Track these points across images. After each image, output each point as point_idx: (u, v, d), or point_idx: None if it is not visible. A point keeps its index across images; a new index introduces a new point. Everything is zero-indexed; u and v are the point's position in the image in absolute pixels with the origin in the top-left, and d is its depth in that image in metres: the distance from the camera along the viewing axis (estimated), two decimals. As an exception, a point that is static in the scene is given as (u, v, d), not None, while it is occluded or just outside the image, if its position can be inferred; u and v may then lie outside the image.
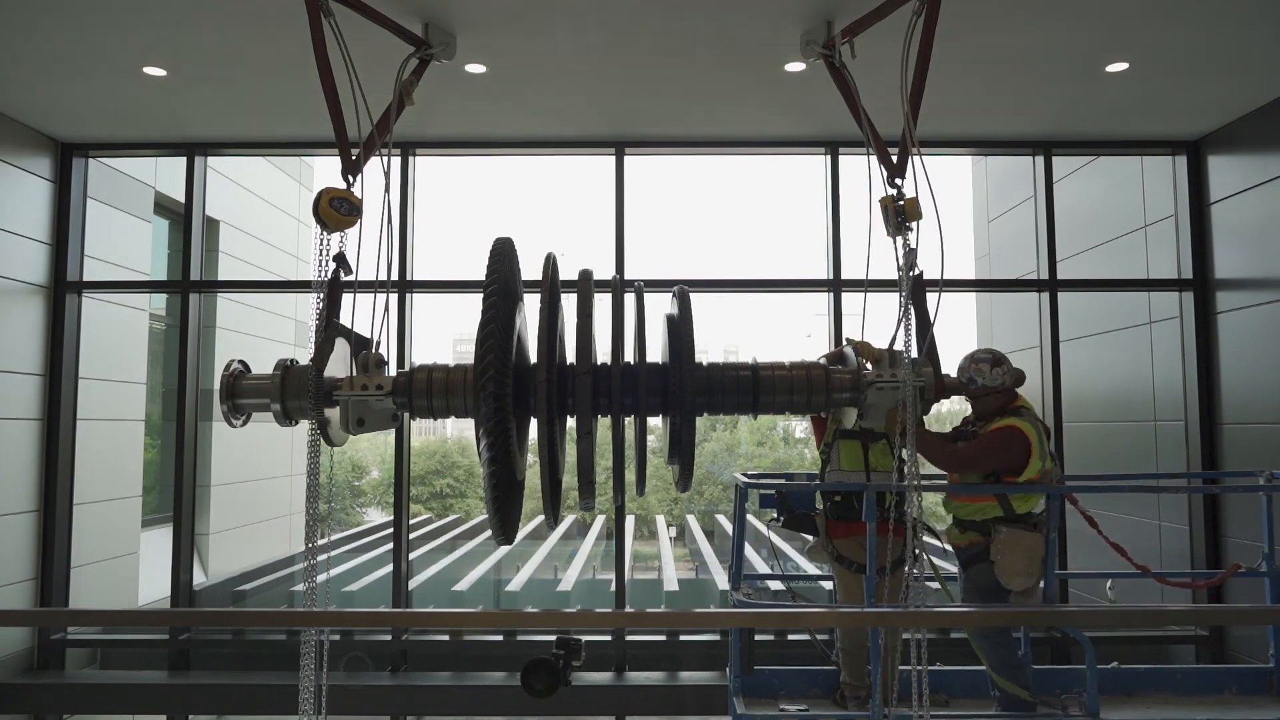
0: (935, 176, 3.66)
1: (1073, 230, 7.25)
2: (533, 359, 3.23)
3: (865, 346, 3.61)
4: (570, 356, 3.27)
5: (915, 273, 3.64)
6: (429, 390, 3.28)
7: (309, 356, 3.38)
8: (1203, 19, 4.71)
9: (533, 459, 3.45)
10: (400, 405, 3.33)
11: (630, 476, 3.41)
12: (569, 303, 3.26)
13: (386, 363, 3.46)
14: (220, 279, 9.07)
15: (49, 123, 6.33)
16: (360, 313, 3.58)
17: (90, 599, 6.79)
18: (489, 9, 4.56)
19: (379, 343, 3.60)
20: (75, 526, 6.64)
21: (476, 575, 11.91)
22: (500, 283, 3.09)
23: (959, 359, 4.13)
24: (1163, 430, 6.84)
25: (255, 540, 10.29)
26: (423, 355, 9.03)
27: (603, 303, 3.27)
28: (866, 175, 3.94)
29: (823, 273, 6.77)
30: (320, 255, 3.55)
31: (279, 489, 10.95)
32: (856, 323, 4.44)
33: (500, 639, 6.65)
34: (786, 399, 3.44)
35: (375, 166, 3.88)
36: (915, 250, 3.65)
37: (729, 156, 7.16)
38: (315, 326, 3.48)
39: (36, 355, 6.46)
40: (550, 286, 3.16)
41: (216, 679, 6.53)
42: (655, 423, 3.55)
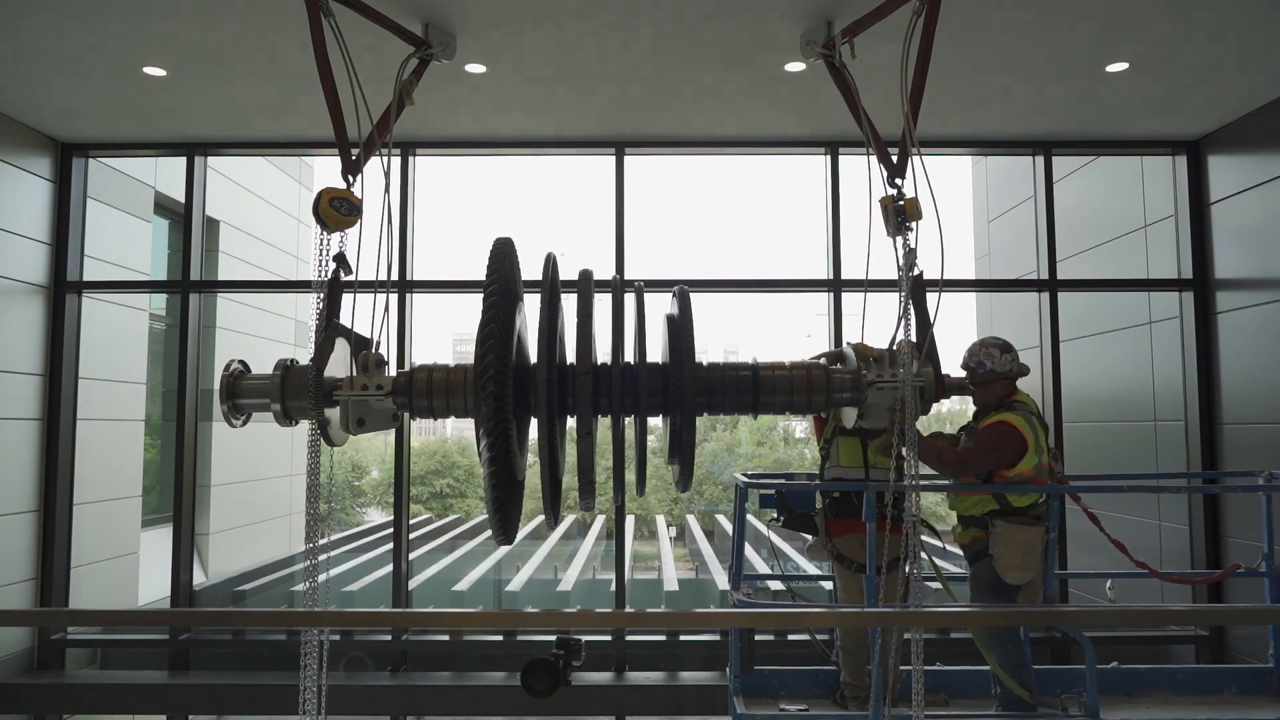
0: (935, 176, 3.66)
1: (1073, 230, 7.25)
2: (533, 359, 3.23)
3: (864, 348, 3.61)
4: (570, 356, 3.27)
5: (915, 273, 3.64)
6: (429, 390, 3.28)
7: (309, 356, 3.38)
8: (1203, 19, 4.71)
9: (533, 459, 3.45)
10: (400, 405, 3.32)
11: (630, 476, 3.41)
12: (569, 303, 3.26)
13: (386, 363, 3.46)
14: (220, 279, 9.07)
15: (49, 123, 6.33)
16: (360, 313, 3.58)
17: (90, 599, 6.79)
18: (489, 9, 4.57)
19: (379, 343, 3.60)
20: (75, 526, 6.64)
21: (476, 575, 11.93)
22: (500, 283, 3.08)
23: (963, 354, 4.13)
24: (1163, 430, 6.84)
25: (255, 540, 10.30)
26: (423, 355, 9.04)
27: (603, 303, 3.26)
28: (867, 175, 3.94)
29: (823, 273, 6.77)
30: (320, 255, 3.54)
31: (279, 489, 10.95)
32: (856, 323, 4.43)
33: (500, 639, 6.65)
34: (786, 399, 3.44)
35: (375, 166, 3.88)
36: (915, 250, 3.65)
37: (729, 156, 7.16)
38: (315, 326, 3.48)
39: (36, 355, 6.47)
40: (550, 286, 3.16)
41: (216, 679, 6.53)
42: (655, 423, 3.54)
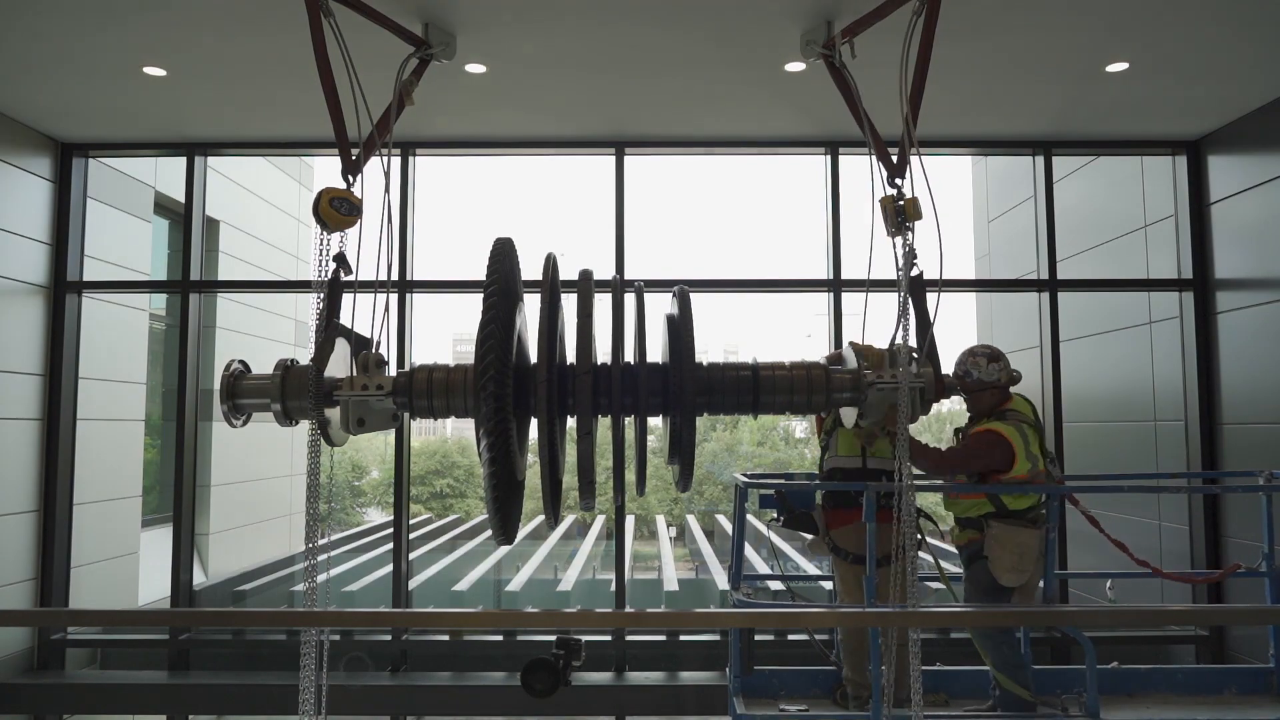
0: (935, 176, 3.67)
1: (1073, 230, 7.24)
2: (533, 359, 3.23)
3: (868, 349, 3.61)
4: (570, 356, 3.27)
5: (915, 273, 3.65)
6: (429, 390, 3.28)
7: (309, 356, 3.38)
8: (1203, 19, 4.71)
9: (533, 459, 3.45)
10: (400, 405, 3.32)
11: (630, 476, 3.41)
12: (569, 303, 3.26)
13: (386, 363, 3.46)
14: (220, 279, 9.07)
15: (49, 123, 6.33)
16: (360, 313, 3.58)
17: (90, 599, 6.79)
18: (489, 9, 4.57)
19: (379, 343, 3.60)
20: (75, 526, 6.64)
21: (476, 575, 11.94)
22: (500, 283, 3.09)
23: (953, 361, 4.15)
24: (1163, 430, 6.84)
25: (255, 540, 10.30)
26: (423, 355, 9.04)
27: (603, 303, 3.27)
28: (870, 176, 3.93)
29: (823, 273, 6.77)
30: (320, 255, 3.55)
31: (279, 489, 10.95)
32: (856, 323, 4.44)
33: (500, 639, 6.65)
34: (787, 399, 3.44)
35: (375, 166, 3.89)
36: (915, 250, 3.65)
37: (729, 156, 7.16)
38: (315, 326, 3.49)
39: (36, 355, 6.46)
40: (550, 286, 3.16)
41: (216, 679, 6.53)
42: (655, 423, 3.55)
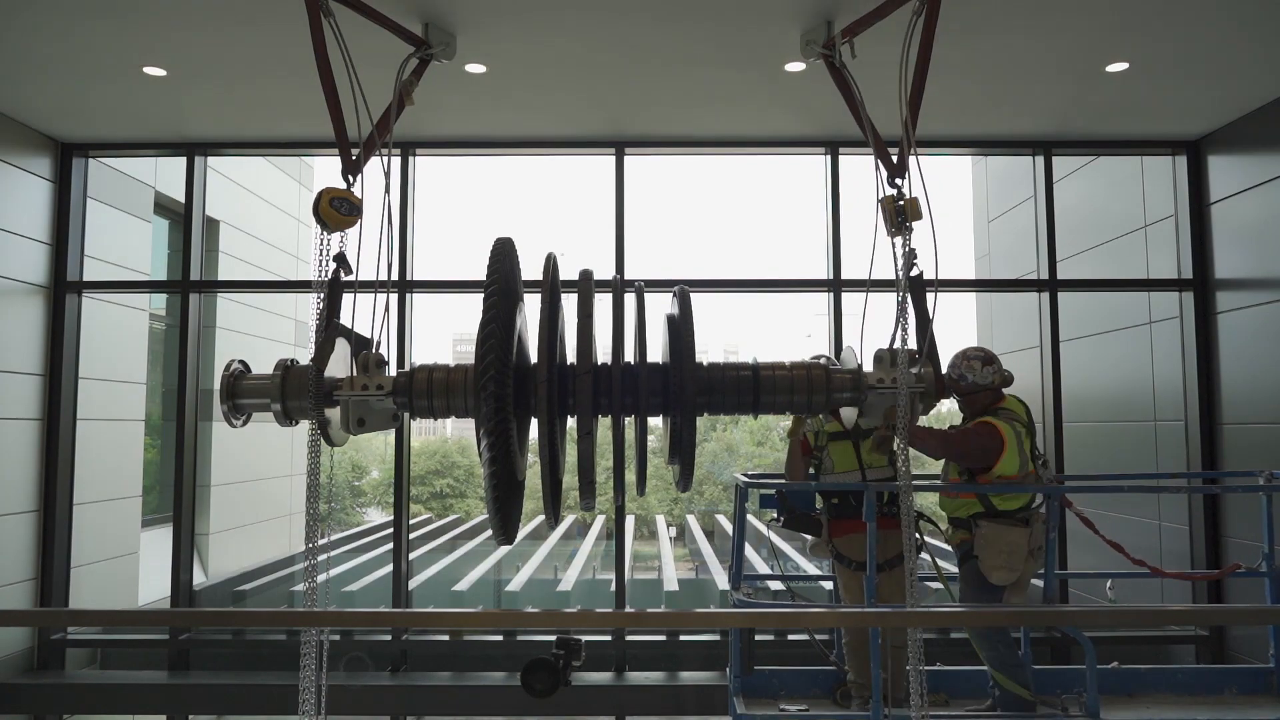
0: (935, 176, 3.67)
1: (1073, 230, 7.24)
2: (533, 359, 3.23)
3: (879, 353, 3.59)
4: (571, 356, 3.27)
5: (915, 273, 3.65)
6: (429, 390, 3.28)
7: (309, 356, 3.38)
8: (1203, 19, 4.71)
9: (533, 459, 3.45)
10: (401, 405, 3.33)
11: (630, 476, 3.41)
12: (569, 303, 3.26)
13: (387, 363, 3.46)
14: (220, 279, 9.07)
15: (49, 123, 6.33)
16: (360, 313, 3.58)
17: (90, 599, 6.79)
18: (489, 9, 4.57)
19: (379, 343, 3.60)
20: (75, 526, 6.64)
21: (476, 575, 11.94)
22: (501, 283, 3.09)
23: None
24: (1163, 430, 6.84)
25: (255, 540, 10.30)
26: (423, 355, 9.04)
27: (603, 303, 3.27)
28: (874, 176, 3.93)
29: (823, 273, 6.76)
30: (320, 255, 3.55)
31: (279, 489, 10.95)
32: (856, 323, 4.43)
33: (500, 639, 6.65)
34: (787, 399, 3.45)
35: (375, 166, 3.89)
36: (914, 250, 3.65)
37: (729, 156, 7.16)
38: (315, 326, 3.49)
39: (36, 355, 6.46)
40: (551, 286, 3.16)
41: (216, 679, 6.52)
42: (655, 423, 3.55)
